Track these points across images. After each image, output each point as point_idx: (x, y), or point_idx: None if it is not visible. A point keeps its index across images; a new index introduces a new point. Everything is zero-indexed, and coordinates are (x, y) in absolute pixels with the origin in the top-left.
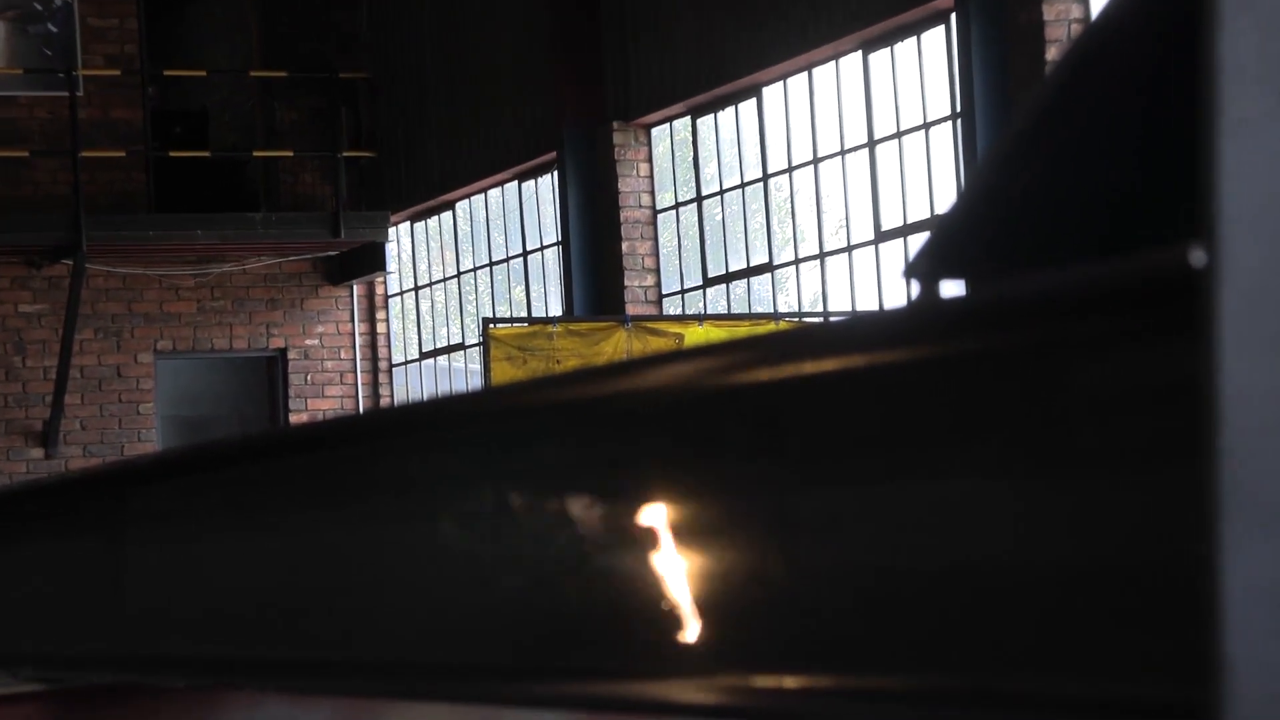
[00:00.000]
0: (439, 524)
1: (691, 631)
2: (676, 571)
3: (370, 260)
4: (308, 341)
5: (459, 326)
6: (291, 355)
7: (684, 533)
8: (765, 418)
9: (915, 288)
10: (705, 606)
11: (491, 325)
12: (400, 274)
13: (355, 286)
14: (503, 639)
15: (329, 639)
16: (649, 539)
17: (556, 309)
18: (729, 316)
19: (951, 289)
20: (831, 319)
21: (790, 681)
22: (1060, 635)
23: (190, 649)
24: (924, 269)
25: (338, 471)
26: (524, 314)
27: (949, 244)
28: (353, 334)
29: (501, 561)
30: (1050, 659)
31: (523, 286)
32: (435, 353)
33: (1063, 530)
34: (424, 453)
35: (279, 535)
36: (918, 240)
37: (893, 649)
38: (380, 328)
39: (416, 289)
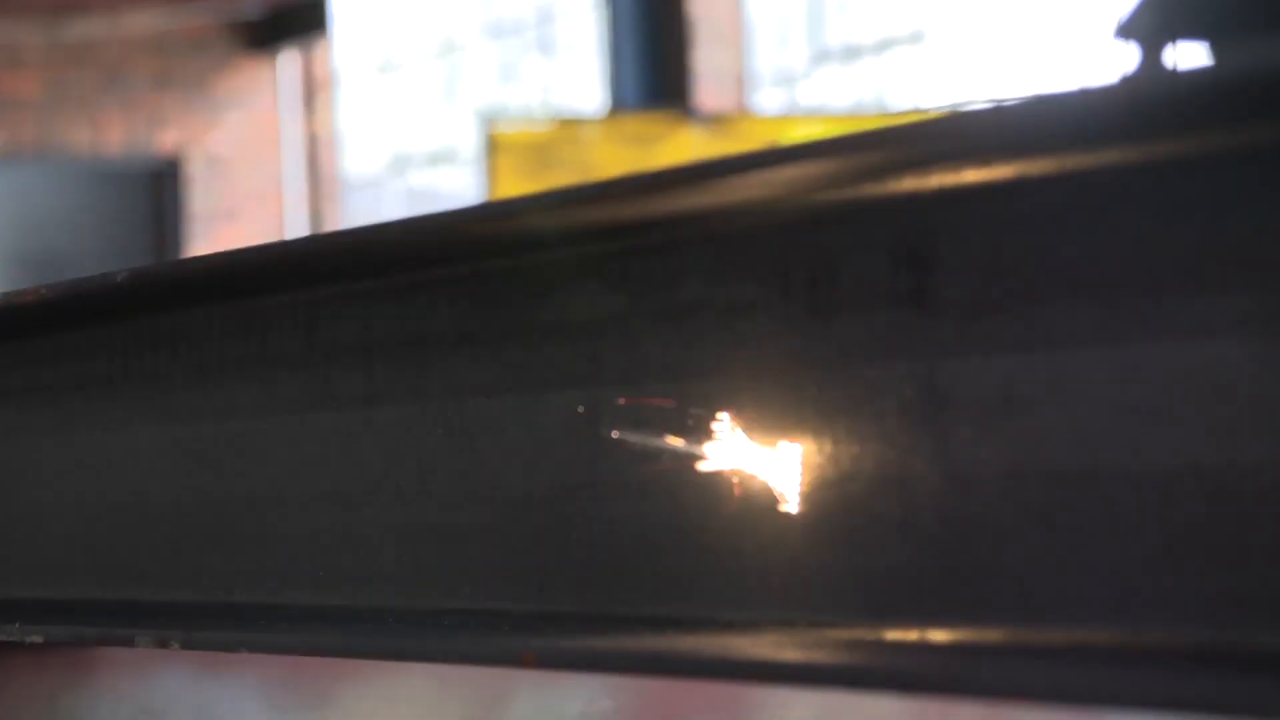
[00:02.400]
0: (417, 408)
1: (789, 566)
2: (767, 479)
3: (308, 18)
4: (214, 142)
5: (445, 124)
6: (191, 163)
7: (775, 421)
8: (906, 251)
9: (1134, 54)
10: (812, 529)
11: (495, 122)
12: (355, 41)
13: (286, 59)
14: (509, 575)
15: (250, 572)
16: (720, 432)
17: (593, 98)
18: (850, 111)
19: (1187, 55)
20: (1006, 104)
21: (938, 635)
22: None
23: (47, 589)
24: (1148, 27)
25: (263, 326)
26: (543, 105)
27: None
28: (282, 131)
29: (504, 463)
30: None
31: (543, 64)
32: (407, 163)
33: None
34: (384, 298)
35: (174, 421)
36: None
37: (1088, 589)
38: (324, 123)
39: (381, 66)
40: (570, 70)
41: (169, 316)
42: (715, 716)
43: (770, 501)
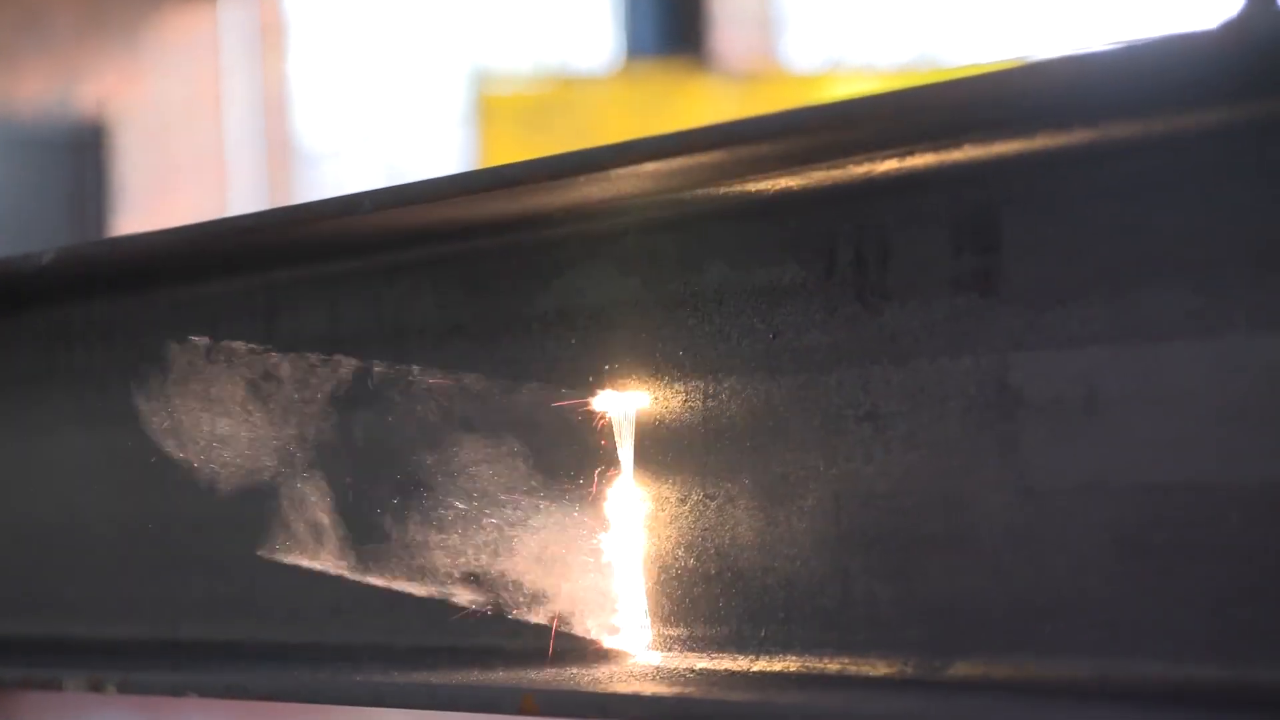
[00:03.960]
0: (397, 409)
1: (832, 591)
2: (808, 491)
3: None
4: (148, 100)
5: (425, 83)
6: (121, 124)
7: (816, 425)
8: (970, 227)
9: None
10: (859, 549)
11: (485, 81)
12: None
13: (231, 1)
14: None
15: (199, 603)
16: (752, 435)
17: (595, 51)
18: (896, 62)
19: None
20: (1080, 53)
21: (1006, 674)
22: None
23: None
24: None
25: (215, 315)
26: (541, 57)
27: None
28: (226, 88)
29: (500, 475)
30: None
31: (540, 7)
32: (381, 125)
33: None
34: (357, 282)
35: (110, 426)
36: None
37: (1185, 621)
38: (280, 77)
39: (347, 12)
40: (570, 17)
41: (103, 303)
42: None
43: (811, 518)
